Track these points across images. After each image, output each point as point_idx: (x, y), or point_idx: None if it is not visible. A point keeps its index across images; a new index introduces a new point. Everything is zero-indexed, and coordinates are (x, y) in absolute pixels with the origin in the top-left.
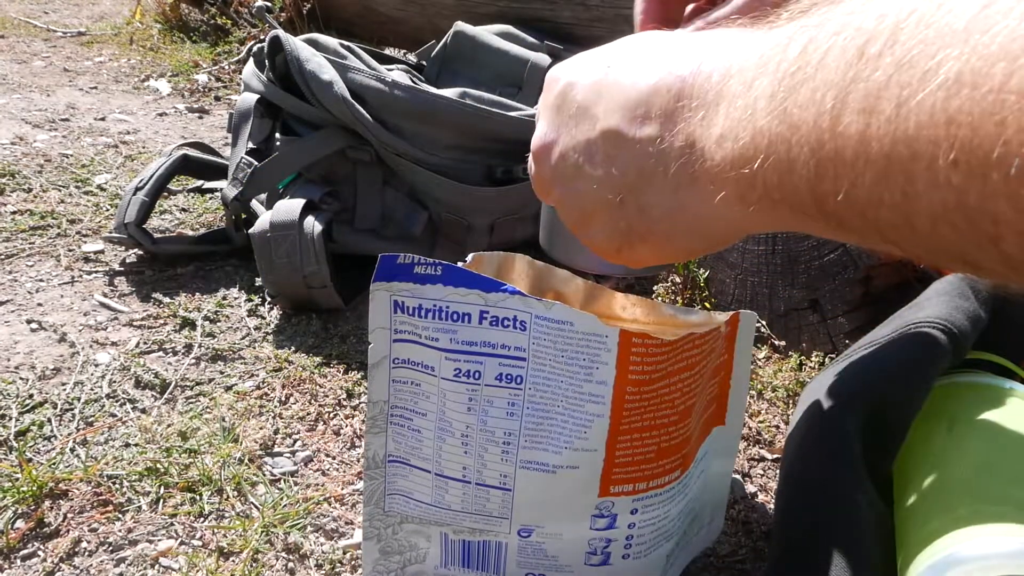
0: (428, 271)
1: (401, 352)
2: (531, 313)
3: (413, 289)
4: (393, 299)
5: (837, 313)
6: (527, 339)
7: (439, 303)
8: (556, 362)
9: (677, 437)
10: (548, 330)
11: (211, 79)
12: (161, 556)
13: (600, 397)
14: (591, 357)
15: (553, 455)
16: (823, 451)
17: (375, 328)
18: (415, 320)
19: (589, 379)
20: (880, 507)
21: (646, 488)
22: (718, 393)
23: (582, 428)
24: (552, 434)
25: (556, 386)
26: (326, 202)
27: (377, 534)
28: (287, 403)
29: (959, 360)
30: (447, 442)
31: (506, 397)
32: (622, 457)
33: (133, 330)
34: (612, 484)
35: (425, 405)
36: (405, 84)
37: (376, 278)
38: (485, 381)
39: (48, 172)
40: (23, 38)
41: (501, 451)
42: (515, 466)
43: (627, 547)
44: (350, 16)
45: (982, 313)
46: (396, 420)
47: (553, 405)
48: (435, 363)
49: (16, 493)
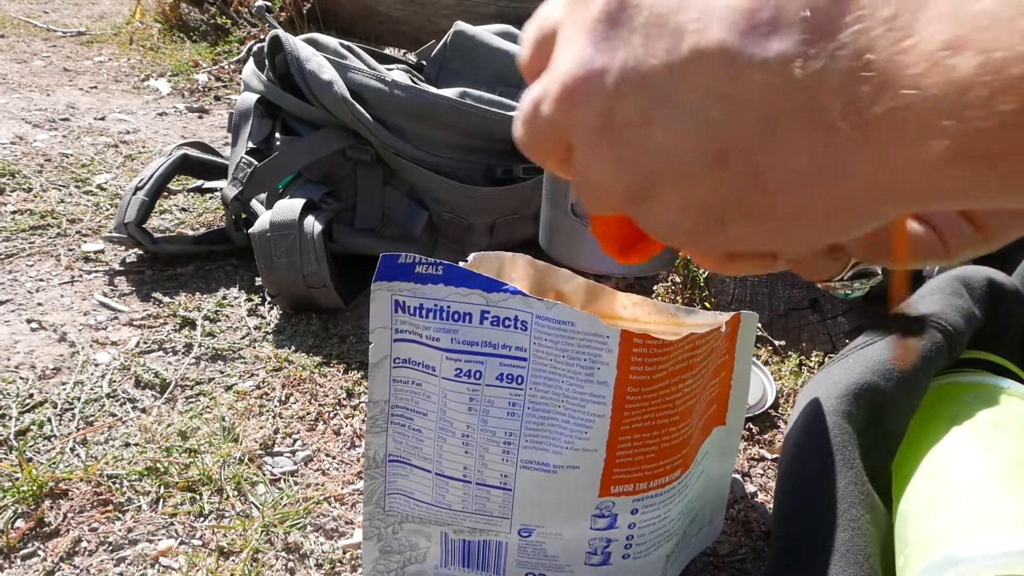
0: (429, 271)
1: (402, 352)
2: (532, 313)
3: (414, 289)
4: (394, 299)
5: (837, 313)
6: (528, 339)
7: (440, 303)
8: (557, 362)
9: (678, 437)
10: (549, 330)
11: (211, 79)
12: (161, 555)
13: (601, 397)
14: (592, 357)
15: (554, 455)
16: (822, 450)
17: (376, 328)
18: (416, 320)
19: (590, 379)
20: (879, 506)
21: (646, 488)
22: (719, 393)
23: (583, 428)
24: (553, 434)
25: (557, 386)
26: (326, 202)
27: (377, 533)
28: (287, 403)
29: (955, 357)
30: (448, 442)
31: (507, 397)
32: (623, 457)
33: (133, 330)
34: (612, 484)
35: (426, 405)
36: (405, 84)
37: (377, 278)
38: (486, 381)
39: (48, 172)
40: (23, 38)
41: (502, 451)
42: (516, 466)
43: (627, 547)
44: (350, 16)
45: (976, 311)
46: (397, 420)
47: (554, 405)
48: (436, 363)
49: (16, 493)
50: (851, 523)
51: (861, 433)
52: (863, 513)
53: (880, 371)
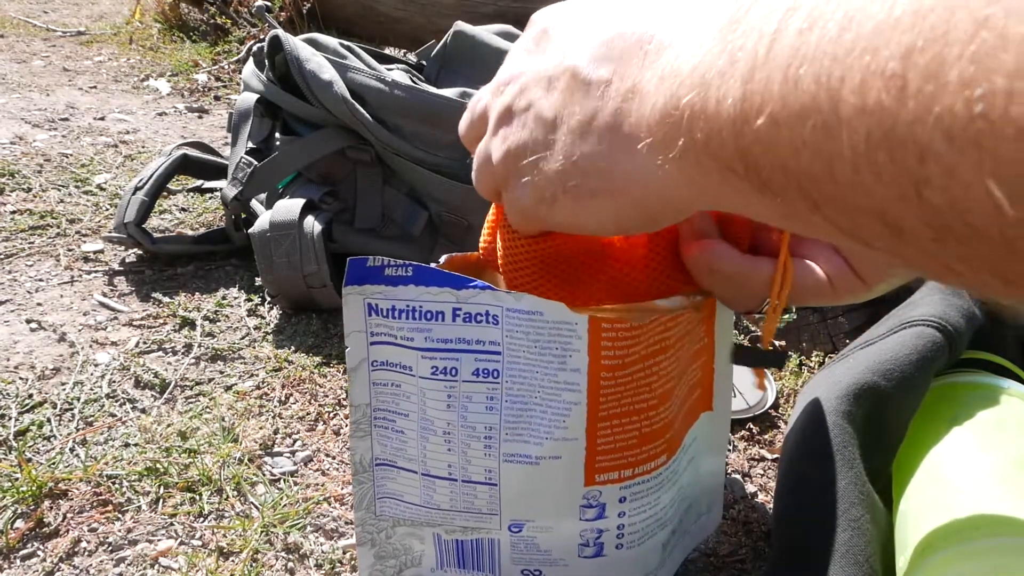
0: (399, 273)
1: (379, 354)
2: (502, 307)
3: (385, 291)
4: (367, 302)
5: (837, 313)
6: (500, 333)
7: (412, 303)
8: (530, 353)
9: (659, 421)
10: (520, 322)
11: (211, 79)
12: (161, 556)
13: (575, 384)
14: (563, 345)
15: (535, 446)
16: (822, 451)
17: (351, 332)
18: (390, 321)
19: (563, 367)
20: (879, 507)
21: (632, 475)
22: (702, 378)
23: (561, 417)
24: (532, 425)
25: (532, 377)
26: (326, 202)
27: (371, 539)
28: (287, 403)
29: (955, 357)
30: (431, 441)
31: (484, 392)
32: (604, 444)
33: (133, 330)
34: (597, 473)
35: (406, 406)
36: (405, 84)
37: (347, 282)
38: (462, 377)
39: (48, 172)
40: (23, 38)
41: (484, 446)
42: (498, 460)
43: (619, 536)
44: (350, 16)
45: (976, 311)
46: (380, 423)
47: (531, 396)
48: (412, 363)
49: (16, 493)
50: (851, 523)
51: (861, 433)
52: (863, 513)
53: (880, 371)
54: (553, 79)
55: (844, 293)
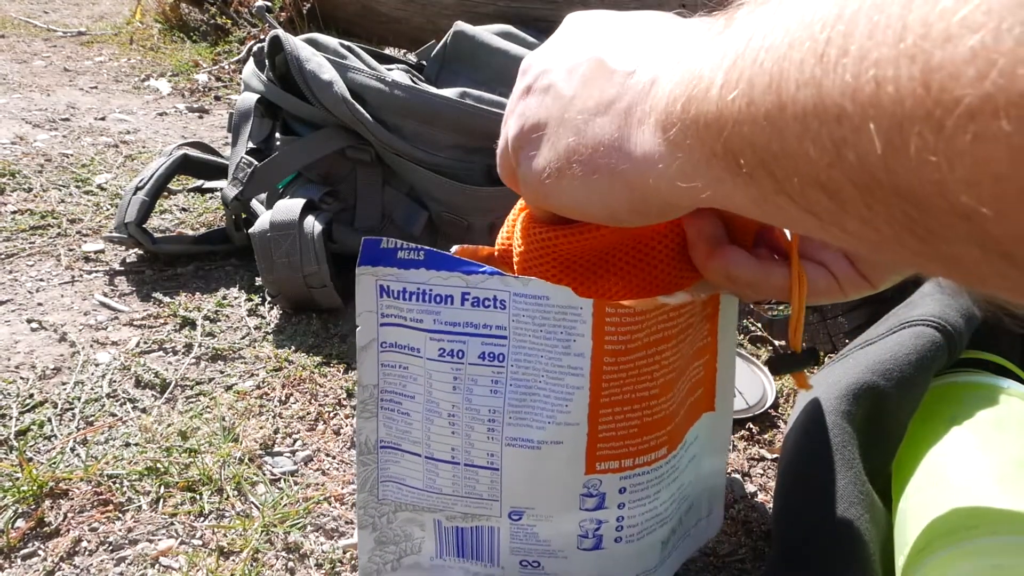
0: (411, 256)
1: (388, 336)
2: (510, 291)
3: (397, 274)
4: (379, 283)
5: (837, 313)
6: (507, 317)
7: (422, 286)
8: (536, 337)
9: (660, 412)
10: (526, 306)
11: (211, 79)
12: (161, 555)
13: (579, 369)
14: (567, 329)
15: (537, 431)
16: (821, 450)
17: (362, 311)
18: (400, 303)
19: (567, 351)
20: (879, 506)
21: (632, 465)
22: (704, 377)
23: (563, 401)
24: (535, 409)
25: (537, 361)
26: (326, 202)
27: (372, 523)
28: (287, 403)
29: (955, 357)
30: (435, 423)
31: (489, 375)
32: (605, 431)
33: (133, 330)
34: (598, 460)
35: (413, 388)
36: (405, 84)
37: (361, 262)
38: (469, 360)
39: (48, 172)
40: (23, 38)
41: (487, 429)
42: (501, 444)
43: (619, 530)
44: (350, 16)
45: (975, 310)
46: (386, 404)
47: (535, 380)
48: (420, 344)
49: (16, 492)
50: (851, 523)
51: (861, 433)
52: (862, 513)
53: (880, 371)
54: (578, 66)
55: (853, 293)
